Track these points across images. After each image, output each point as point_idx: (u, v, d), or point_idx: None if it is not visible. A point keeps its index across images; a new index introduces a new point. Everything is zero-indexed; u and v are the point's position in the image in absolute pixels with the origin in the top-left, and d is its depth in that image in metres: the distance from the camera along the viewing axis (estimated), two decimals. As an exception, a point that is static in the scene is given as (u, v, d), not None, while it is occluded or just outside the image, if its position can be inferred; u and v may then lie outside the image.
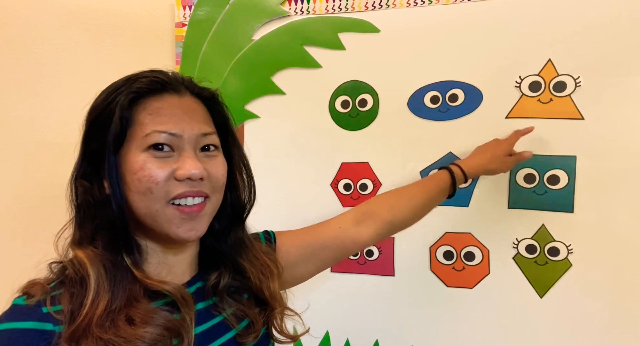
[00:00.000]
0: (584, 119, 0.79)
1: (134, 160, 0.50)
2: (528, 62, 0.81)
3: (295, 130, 0.93)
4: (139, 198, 0.50)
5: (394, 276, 0.90)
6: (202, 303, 0.57)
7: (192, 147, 0.52)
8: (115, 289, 0.49)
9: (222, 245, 0.61)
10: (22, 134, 1.01)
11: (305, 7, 0.91)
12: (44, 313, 0.47)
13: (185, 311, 0.52)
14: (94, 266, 0.49)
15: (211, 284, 0.58)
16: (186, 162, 0.50)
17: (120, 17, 0.98)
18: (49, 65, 0.99)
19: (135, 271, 0.51)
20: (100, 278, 0.49)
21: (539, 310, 0.82)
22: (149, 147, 0.50)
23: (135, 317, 0.48)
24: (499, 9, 0.82)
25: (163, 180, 0.50)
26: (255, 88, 0.94)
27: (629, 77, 0.76)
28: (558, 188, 0.81)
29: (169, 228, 0.51)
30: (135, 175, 0.50)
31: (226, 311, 0.57)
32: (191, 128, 0.52)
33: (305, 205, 0.94)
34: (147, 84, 0.52)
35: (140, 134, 0.50)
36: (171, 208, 0.51)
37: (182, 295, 0.52)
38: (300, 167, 0.94)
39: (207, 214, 0.54)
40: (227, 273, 0.60)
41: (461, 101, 0.85)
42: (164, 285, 0.51)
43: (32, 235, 0.96)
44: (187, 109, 0.53)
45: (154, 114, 0.51)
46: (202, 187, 0.52)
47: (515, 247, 0.83)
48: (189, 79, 0.57)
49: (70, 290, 0.49)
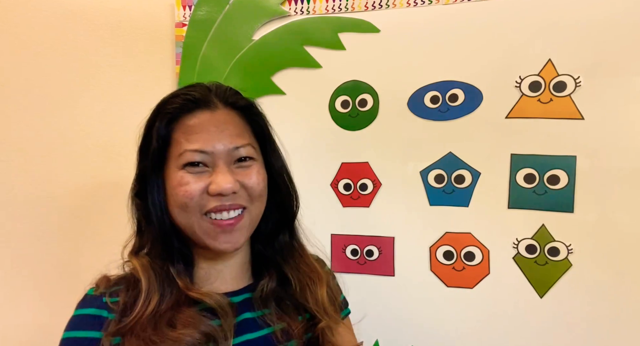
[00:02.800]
0: (584, 119, 0.79)
1: (172, 177, 0.54)
2: (528, 62, 0.81)
3: (295, 130, 0.93)
4: (178, 213, 0.54)
5: (394, 276, 0.90)
6: (251, 313, 0.58)
7: (224, 161, 0.54)
8: (164, 293, 0.53)
9: (268, 251, 0.62)
10: (22, 134, 1.01)
11: (305, 7, 0.91)
12: (103, 302, 0.53)
13: (224, 320, 0.54)
14: (145, 273, 0.54)
15: (259, 295, 0.59)
16: (218, 177, 0.52)
17: (120, 17, 0.98)
18: (49, 65, 0.99)
19: (179, 281, 0.54)
20: (151, 284, 0.53)
21: (539, 310, 0.82)
22: (184, 165, 0.53)
23: (177, 321, 0.52)
24: (499, 9, 0.82)
25: (197, 195, 0.53)
26: (255, 89, 0.94)
27: (629, 77, 0.76)
28: (558, 188, 0.81)
29: (206, 240, 0.54)
30: (173, 190, 0.54)
31: (276, 325, 0.57)
32: (223, 144, 0.53)
33: (305, 205, 0.93)
34: (180, 104, 0.55)
35: (176, 153, 0.54)
36: (207, 221, 0.54)
37: (221, 305, 0.54)
38: (300, 167, 0.94)
39: (246, 226, 0.56)
40: (273, 281, 0.60)
41: (461, 101, 0.85)
42: (203, 297, 0.54)
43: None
44: (219, 123, 0.55)
45: (187, 133, 0.54)
46: (237, 199, 0.54)
47: (515, 247, 0.83)
48: (224, 90, 0.58)
49: (128, 287, 0.55)
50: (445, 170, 0.86)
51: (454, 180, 0.86)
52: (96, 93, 0.99)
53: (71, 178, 1.00)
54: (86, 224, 1.00)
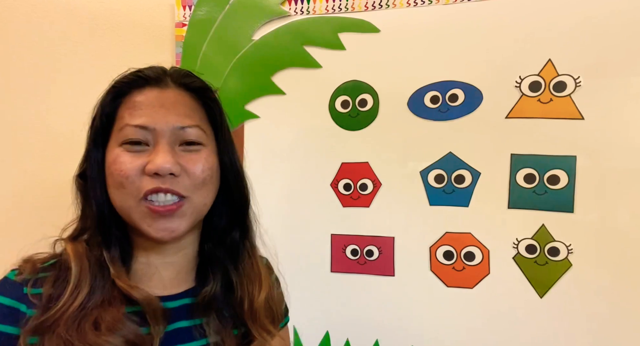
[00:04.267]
0: (584, 119, 0.79)
1: (109, 155, 0.50)
2: (528, 62, 0.81)
3: (295, 130, 0.93)
4: (114, 194, 0.50)
5: (394, 276, 0.90)
6: (187, 321, 0.53)
7: (167, 141, 0.49)
8: (94, 285, 0.48)
9: (219, 250, 0.57)
10: (20, 133, 1.01)
11: (305, 7, 0.91)
12: (23, 294, 0.47)
13: (153, 326, 0.49)
14: (78, 260, 0.49)
15: (200, 302, 0.54)
16: (157, 156, 0.48)
17: (120, 17, 0.98)
18: (48, 64, 0.99)
19: (111, 268, 0.49)
20: (82, 273, 0.48)
21: (539, 310, 0.82)
22: (124, 141, 0.49)
23: (102, 322, 0.46)
24: (498, 9, 0.82)
25: (133, 174, 0.48)
26: (255, 88, 0.94)
27: (629, 77, 0.76)
28: (558, 188, 0.81)
29: (141, 226, 0.49)
30: (109, 169, 0.49)
31: (211, 337, 0.52)
32: (166, 122, 0.49)
33: (305, 205, 0.94)
34: (130, 79, 0.52)
35: (117, 129, 0.50)
36: (143, 206, 0.49)
37: (152, 307, 0.49)
38: (300, 167, 0.94)
39: (187, 214, 0.50)
40: (218, 287, 0.55)
41: (461, 101, 0.85)
42: (132, 290, 0.49)
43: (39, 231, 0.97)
44: (167, 102, 0.51)
45: (131, 108, 0.50)
46: (176, 184, 0.49)
47: (515, 247, 0.83)
48: (178, 71, 0.54)
49: (56, 275, 0.49)
50: (445, 170, 0.86)
51: (454, 180, 0.86)
52: (96, 93, 0.98)
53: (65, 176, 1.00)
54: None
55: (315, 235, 0.93)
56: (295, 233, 0.94)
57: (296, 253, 0.93)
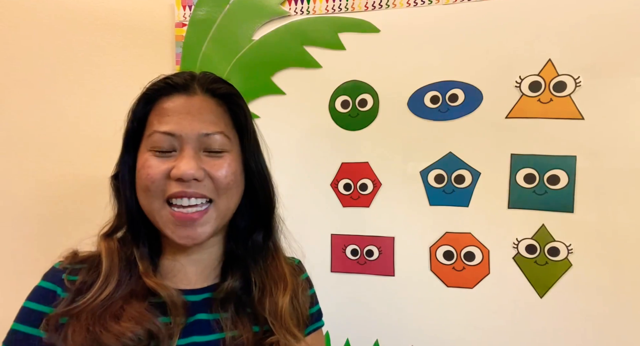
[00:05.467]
0: (584, 119, 0.79)
1: (139, 158, 0.53)
2: (528, 62, 0.81)
3: (295, 130, 0.93)
4: (142, 196, 0.53)
5: (394, 276, 0.90)
6: (207, 314, 0.55)
7: (192, 147, 0.52)
8: (122, 279, 0.52)
9: (240, 249, 0.59)
10: (19, 134, 1.01)
11: (305, 7, 0.91)
12: (61, 279, 0.53)
13: (173, 317, 0.51)
14: (109, 256, 0.53)
15: (219, 296, 0.56)
16: (182, 162, 0.50)
17: (120, 17, 0.98)
18: (49, 65, 0.99)
19: (140, 265, 0.53)
20: (112, 269, 0.52)
21: (539, 310, 0.82)
22: (152, 147, 0.52)
23: (125, 314, 0.50)
24: (498, 9, 0.82)
25: (159, 178, 0.51)
26: (255, 88, 0.94)
27: (629, 77, 0.76)
28: (558, 188, 0.81)
29: (165, 230, 0.53)
30: (138, 172, 0.52)
31: (228, 332, 0.54)
32: (191, 128, 0.51)
33: (305, 205, 0.94)
34: (160, 86, 0.54)
35: (147, 134, 0.53)
36: (167, 211, 0.52)
37: (174, 300, 0.52)
38: (300, 167, 0.94)
39: (211, 221, 0.53)
40: (236, 283, 0.57)
41: (461, 101, 0.85)
42: (158, 287, 0.52)
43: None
44: (193, 108, 0.53)
45: (160, 115, 0.53)
46: (201, 188, 0.51)
47: (515, 247, 0.83)
48: (205, 77, 0.56)
49: (91, 267, 0.54)
50: (445, 170, 0.86)
51: (454, 180, 0.86)
52: (96, 94, 0.99)
53: (68, 176, 1.00)
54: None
55: (315, 235, 0.93)
56: (295, 233, 0.93)
57: (296, 253, 0.93)
